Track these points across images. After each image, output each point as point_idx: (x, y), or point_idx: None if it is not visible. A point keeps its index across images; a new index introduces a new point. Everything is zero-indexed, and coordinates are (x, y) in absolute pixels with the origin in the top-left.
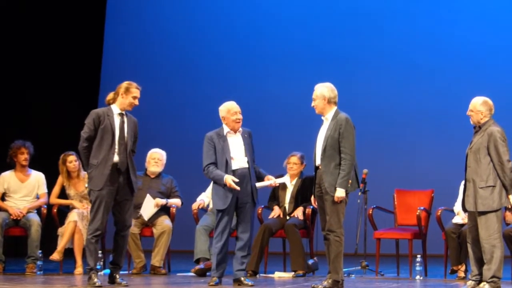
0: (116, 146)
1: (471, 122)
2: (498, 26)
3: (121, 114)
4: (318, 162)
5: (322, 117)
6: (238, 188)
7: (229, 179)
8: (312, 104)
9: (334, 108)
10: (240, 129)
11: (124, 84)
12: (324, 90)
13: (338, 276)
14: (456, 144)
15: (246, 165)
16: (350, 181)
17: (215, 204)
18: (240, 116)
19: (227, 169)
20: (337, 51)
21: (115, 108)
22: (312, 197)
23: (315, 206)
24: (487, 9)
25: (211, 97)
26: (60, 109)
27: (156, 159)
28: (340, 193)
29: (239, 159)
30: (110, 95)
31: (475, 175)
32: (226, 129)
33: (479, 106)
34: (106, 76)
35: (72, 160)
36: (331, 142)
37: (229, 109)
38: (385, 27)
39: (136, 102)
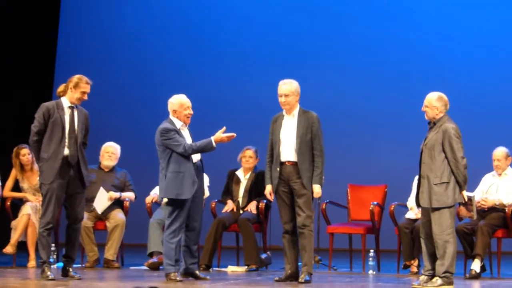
0: (66, 140)
1: (426, 118)
2: (451, 22)
3: (71, 107)
4: (285, 158)
5: (284, 113)
6: (234, 134)
7: (222, 135)
8: (283, 100)
9: (298, 105)
10: None
11: (75, 78)
12: (297, 86)
13: (312, 269)
14: (410, 139)
15: (200, 158)
16: (323, 177)
17: (179, 193)
18: (192, 111)
19: (191, 161)
20: (292, 47)
21: (65, 101)
22: (269, 190)
23: (271, 199)
24: (441, 6)
25: (165, 91)
26: (13, 102)
27: (110, 152)
28: (317, 189)
29: None
30: (61, 87)
31: (429, 171)
32: (178, 122)
33: (435, 101)
34: (60, 69)
35: (25, 153)
36: (305, 140)
37: (181, 103)
38: (340, 24)
39: (85, 97)
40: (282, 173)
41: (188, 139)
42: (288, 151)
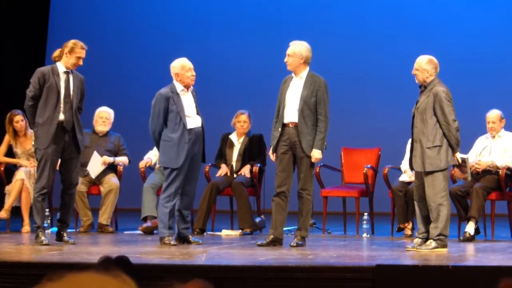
0: (62, 105)
1: (417, 81)
2: None
3: (66, 72)
4: (289, 119)
5: (293, 75)
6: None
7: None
8: (286, 60)
9: (307, 68)
10: (191, 87)
11: (70, 43)
12: (302, 49)
13: (307, 233)
14: (403, 102)
15: (200, 124)
16: (325, 143)
17: (165, 162)
18: (194, 73)
19: (183, 128)
20: (284, 12)
21: (61, 66)
22: (271, 151)
23: (273, 159)
24: None
25: (158, 55)
26: (6, 67)
27: (104, 118)
28: (317, 154)
29: (193, 117)
30: (57, 52)
31: (421, 135)
32: (179, 86)
33: (425, 64)
34: (53, 34)
35: (18, 120)
36: (308, 102)
37: (183, 65)
38: None
39: (80, 62)
40: (284, 134)
41: (191, 104)
42: (291, 112)
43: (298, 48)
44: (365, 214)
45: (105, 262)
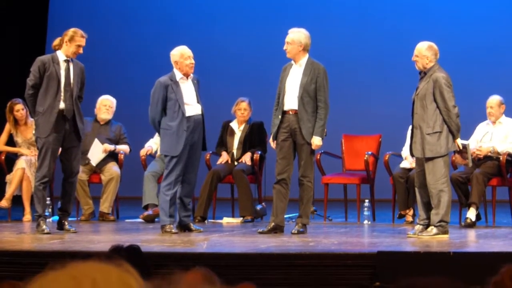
0: (62, 93)
1: (416, 68)
2: None
3: (66, 61)
4: (289, 107)
5: (293, 62)
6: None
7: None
8: (285, 48)
9: (307, 55)
10: (191, 75)
11: (70, 31)
12: (301, 36)
13: (308, 220)
14: (403, 88)
15: (200, 112)
16: (325, 130)
17: (165, 150)
18: (193, 61)
19: (182, 116)
20: None
21: (61, 55)
22: (271, 139)
23: (274, 147)
24: None
25: (158, 43)
26: (6, 56)
27: (107, 106)
28: (318, 141)
29: (193, 105)
30: (57, 41)
31: (421, 121)
32: (178, 74)
33: (424, 51)
34: (53, 22)
35: (19, 109)
36: (308, 89)
37: (182, 53)
38: None
39: (80, 50)
40: (284, 121)
41: (190, 92)
42: (291, 99)
43: (297, 36)
44: (366, 201)
45: (116, 250)
